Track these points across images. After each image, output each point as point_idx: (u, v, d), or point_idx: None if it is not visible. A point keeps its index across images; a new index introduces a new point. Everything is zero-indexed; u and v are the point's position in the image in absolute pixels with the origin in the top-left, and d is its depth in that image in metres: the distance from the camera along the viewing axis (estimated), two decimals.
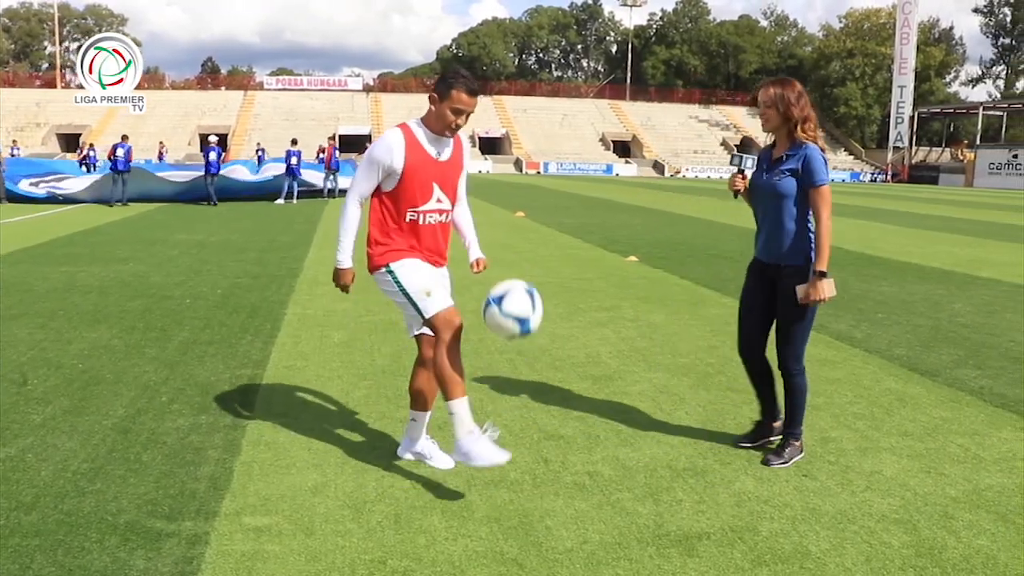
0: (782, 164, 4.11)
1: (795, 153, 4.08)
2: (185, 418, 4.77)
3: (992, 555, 3.32)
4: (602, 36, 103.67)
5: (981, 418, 5.10)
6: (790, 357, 4.27)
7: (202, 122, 67.65)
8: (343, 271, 4.00)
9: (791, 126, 4.08)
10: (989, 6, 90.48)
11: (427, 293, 3.77)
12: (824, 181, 4.05)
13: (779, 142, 4.20)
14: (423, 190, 3.83)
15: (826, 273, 4.03)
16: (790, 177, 4.07)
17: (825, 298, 4.05)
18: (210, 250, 12.71)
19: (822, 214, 4.03)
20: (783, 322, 4.24)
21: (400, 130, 3.82)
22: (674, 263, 12.08)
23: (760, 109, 4.16)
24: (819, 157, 4.06)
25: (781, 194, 4.10)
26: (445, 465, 4.09)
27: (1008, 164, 64.64)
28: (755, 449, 4.46)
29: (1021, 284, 10.83)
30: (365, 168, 3.85)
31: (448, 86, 3.74)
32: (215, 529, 3.40)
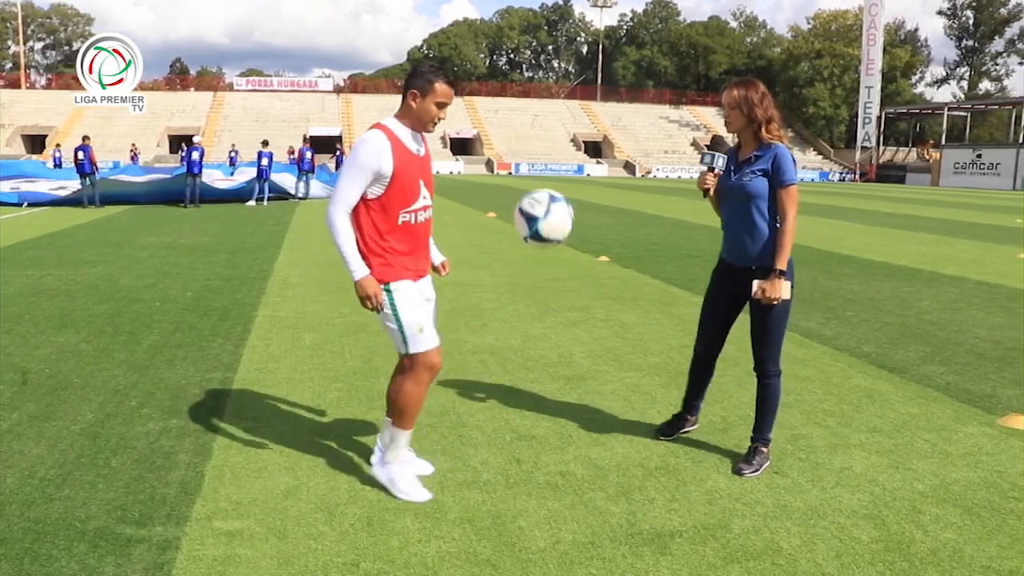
0: (752, 164, 4.08)
1: (764, 154, 4.06)
2: (155, 422, 4.72)
3: (958, 548, 3.37)
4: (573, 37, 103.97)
5: (948, 414, 5.18)
6: (768, 359, 4.22)
7: (171, 123, 67.07)
8: (364, 282, 3.66)
9: (756, 127, 4.07)
10: (952, 9, 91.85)
11: (420, 329, 3.71)
12: (794, 181, 4.04)
13: (745, 143, 4.17)
14: (412, 189, 3.73)
15: (786, 273, 4.02)
16: (761, 177, 4.05)
17: (780, 298, 4.03)
18: (180, 252, 12.60)
19: (789, 214, 4.02)
20: (760, 323, 4.18)
21: (382, 132, 3.66)
22: (645, 263, 12.14)
23: (724, 111, 4.17)
24: (789, 157, 4.05)
25: (753, 195, 4.07)
26: (423, 471, 4.05)
27: (972, 164, 65.55)
28: (673, 442, 4.57)
29: (985, 281, 10.99)
30: (351, 175, 3.62)
31: (429, 81, 3.67)
32: (186, 534, 3.37)
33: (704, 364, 4.53)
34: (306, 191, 26.52)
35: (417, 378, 3.78)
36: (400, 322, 3.71)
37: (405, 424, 3.83)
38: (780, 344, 4.23)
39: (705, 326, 4.45)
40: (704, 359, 4.51)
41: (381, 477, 3.88)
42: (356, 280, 3.67)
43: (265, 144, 24.80)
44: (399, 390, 3.81)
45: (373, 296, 3.65)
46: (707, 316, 4.44)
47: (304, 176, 26.54)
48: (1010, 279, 11.30)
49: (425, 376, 3.79)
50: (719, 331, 4.41)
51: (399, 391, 3.81)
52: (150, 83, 79.58)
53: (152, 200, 23.54)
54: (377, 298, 3.66)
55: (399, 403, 3.81)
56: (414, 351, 3.75)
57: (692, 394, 4.61)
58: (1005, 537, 3.48)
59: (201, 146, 23.34)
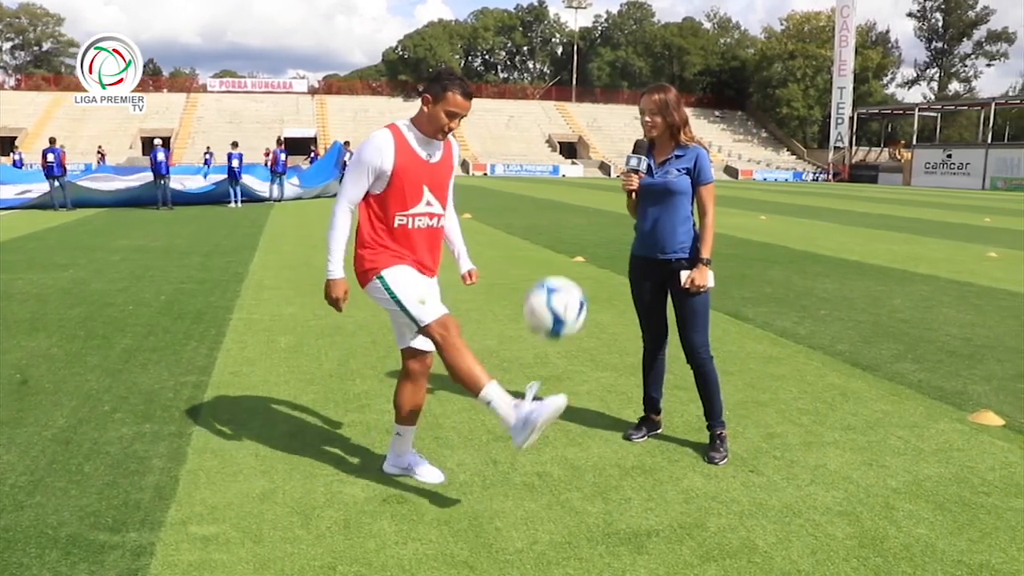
0: (675, 163, 4.31)
1: (685, 154, 4.31)
2: (128, 427, 4.68)
3: (931, 543, 3.41)
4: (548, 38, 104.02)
5: (920, 411, 5.23)
6: (700, 345, 4.41)
7: (144, 125, 66.41)
8: (334, 282, 3.71)
9: (674, 129, 4.29)
10: (922, 11, 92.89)
11: (421, 301, 3.61)
12: (712, 179, 4.37)
13: (662, 145, 4.37)
14: (413, 193, 3.68)
15: (711, 262, 4.30)
16: (685, 175, 4.29)
17: (707, 285, 4.28)
18: (153, 255, 12.49)
19: (710, 209, 4.33)
20: (687, 312, 4.38)
21: (389, 130, 3.68)
22: (620, 263, 12.07)
23: (645, 116, 4.31)
24: (708, 157, 4.37)
25: (677, 191, 4.30)
26: (434, 479, 3.97)
27: (943, 163, 66.31)
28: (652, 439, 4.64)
29: (956, 280, 11.12)
30: (354, 171, 3.68)
31: (443, 88, 3.62)
32: (160, 539, 3.34)
33: (654, 354, 4.69)
34: (280, 193, 26.34)
35: (447, 345, 3.52)
36: (399, 300, 3.63)
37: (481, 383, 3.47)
38: (708, 328, 4.45)
39: (645, 320, 4.64)
40: (653, 350, 4.68)
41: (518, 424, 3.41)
42: (328, 278, 3.72)
43: (235, 146, 24.64)
44: (450, 365, 3.52)
45: (337, 299, 3.74)
46: (644, 311, 4.62)
47: (278, 178, 26.36)
48: (980, 277, 11.44)
49: (450, 334, 3.52)
50: (659, 320, 4.60)
51: (451, 366, 3.52)
52: None
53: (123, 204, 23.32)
54: (339, 302, 3.75)
55: (460, 377, 3.51)
56: (424, 322, 3.57)
57: (650, 387, 4.73)
58: (975, 531, 3.53)
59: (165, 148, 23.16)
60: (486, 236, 16.09)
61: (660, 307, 4.56)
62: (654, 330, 4.63)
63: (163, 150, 22.79)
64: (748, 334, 7.35)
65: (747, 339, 7.15)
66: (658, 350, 4.67)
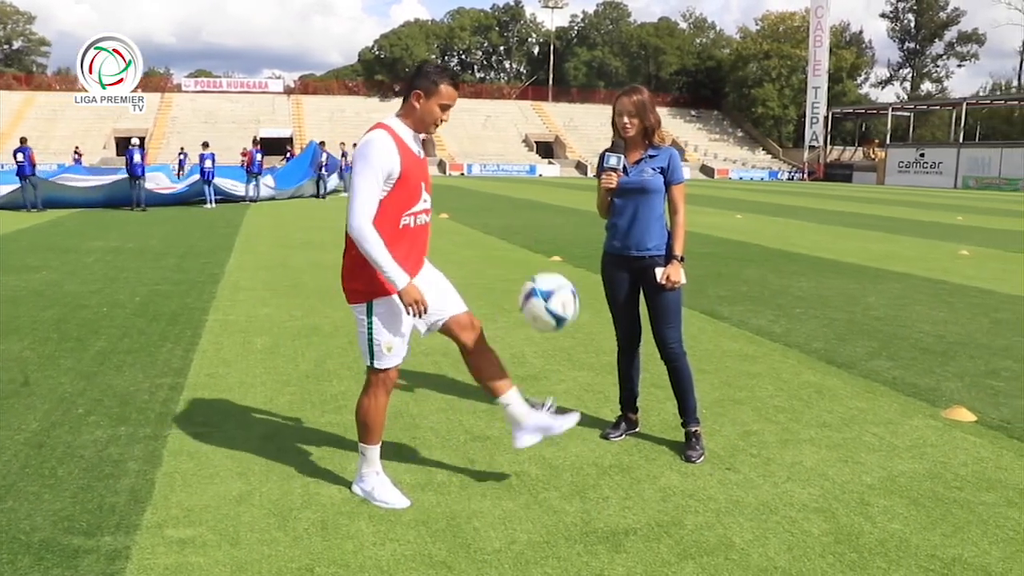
0: (649, 163, 4.41)
1: (659, 154, 4.42)
2: (103, 430, 4.64)
3: (905, 538, 3.44)
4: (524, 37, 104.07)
5: (894, 407, 5.28)
6: (674, 340, 4.48)
7: (118, 125, 65.79)
8: (408, 289, 3.51)
9: (648, 131, 4.39)
10: (895, 12, 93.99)
11: (388, 349, 3.67)
12: (684, 179, 4.51)
13: (635, 145, 4.45)
14: (415, 191, 3.65)
15: (684, 259, 4.42)
16: (659, 175, 4.40)
17: (680, 281, 4.38)
18: (127, 256, 12.38)
19: (681, 207, 4.46)
20: (661, 308, 4.46)
21: (385, 132, 3.56)
22: (597, 262, 12.07)
23: (624, 118, 4.36)
24: (679, 158, 4.50)
25: (651, 190, 4.39)
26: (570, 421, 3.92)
27: (916, 162, 67.01)
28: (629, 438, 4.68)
29: (929, 277, 11.24)
30: (368, 180, 3.48)
31: (435, 82, 3.57)
32: (136, 543, 3.31)
33: (630, 352, 4.74)
34: (256, 193, 26.19)
35: (373, 392, 3.77)
36: (372, 338, 3.67)
37: (367, 439, 3.81)
38: (680, 324, 4.52)
39: (619, 318, 4.70)
40: (628, 347, 4.74)
41: (357, 492, 3.84)
42: (400, 288, 3.51)
43: (205, 146, 24.45)
44: (360, 406, 3.81)
45: (420, 300, 3.53)
46: (617, 308, 4.68)
47: (254, 179, 26.20)
48: (952, 275, 11.57)
49: (380, 390, 3.77)
50: (632, 317, 4.66)
51: (360, 407, 3.80)
52: None
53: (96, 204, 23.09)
54: (422, 303, 3.54)
55: (360, 418, 3.80)
56: (377, 367, 3.72)
57: (626, 386, 4.78)
58: (948, 526, 3.57)
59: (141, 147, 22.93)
60: (463, 236, 16.08)
61: (634, 304, 4.63)
62: (628, 328, 4.69)
63: (139, 150, 22.55)
64: (724, 332, 7.40)
65: (723, 337, 7.18)
66: (633, 348, 4.73)
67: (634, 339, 4.71)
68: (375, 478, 3.81)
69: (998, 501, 3.85)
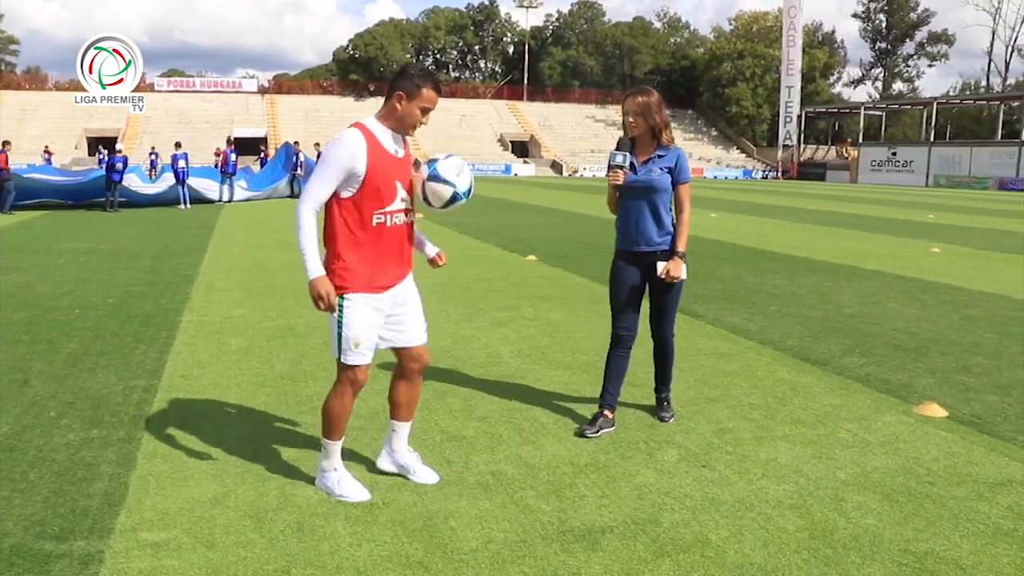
0: (657, 163, 4.62)
1: (667, 154, 4.64)
2: (75, 433, 4.59)
3: (879, 533, 3.48)
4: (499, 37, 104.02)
5: (868, 404, 5.34)
6: (668, 329, 4.87)
7: (89, 125, 65.19)
8: (317, 281, 3.57)
9: (655, 131, 4.61)
10: (866, 12, 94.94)
11: (356, 345, 3.69)
12: (690, 179, 4.73)
13: (644, 145, 4.67)
14: (388, 190, 3.68)
15: (685, 255, 4.66)
16: (667, 174, 4.62)
17: (681, 276, 4.65)
18: (99, 258, 12.26)
19: (687, 206, 4.70)
20: (662, 300, 4.77)
21: (359, 130, 3.62)
22: (572, 261, 12.23)
23: (628, 117, 4.61)
24: (686, 158, 4.73)
25: (659, 189, 4.60)
26: (429, 479, 4.00)
27: (888, 161, 67.76)
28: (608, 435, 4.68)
29: (901, 275, 11.36)
30: (322, 172, 3.57)
31: (417, 85, 3.64)
32: (110, 547, 3.28)
33: (627, 346, 4.84)
34: (230, 194, 26.00)
35: (340, 390, 3.79)
36: (341, 333, 3.69)
37: (329, 435, 3.83)
38: (676, 315, 4.90)
39: (622, 312, 4.80)
40: (627, 341, 4.83)
41: (320, 488, 3.86)
42: (310, 279, 3.58)
43: (178, 146, 24.21)
44: (327, 401, 3.84)
45: (326, 296, 3.59)
46: (621, 304, 4.79)
47: (228, 179, 26.01)
48: (924, 272, 11.70)
49: (348, 389, 3.79)
50: (634, 315, 4.82)
51: (327, 402, 3.84)
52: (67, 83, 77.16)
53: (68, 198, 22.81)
54: (329, 298, 3.59)
55: (324, 413, 3.84)
56: (344, 362, 3.74)
57: (609, 384, 4.82)
58: (921, 520, 3.61)
59: (125, 156, 22.68)
60: (437, 235, 16.05)
61: (638, 299, 4.80)
62: (627, 324, 4.80)
63: (121, 159, 22.23)
64: (699, 331, 7.43)
65: (698, 336, 7.22)
66: (628, 345, 4.83)
67: (632, 336, 4.83)
68: (334, 474, 3.85)
69: (969, 495, 3.90)
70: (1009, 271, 12.20)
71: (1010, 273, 11.95)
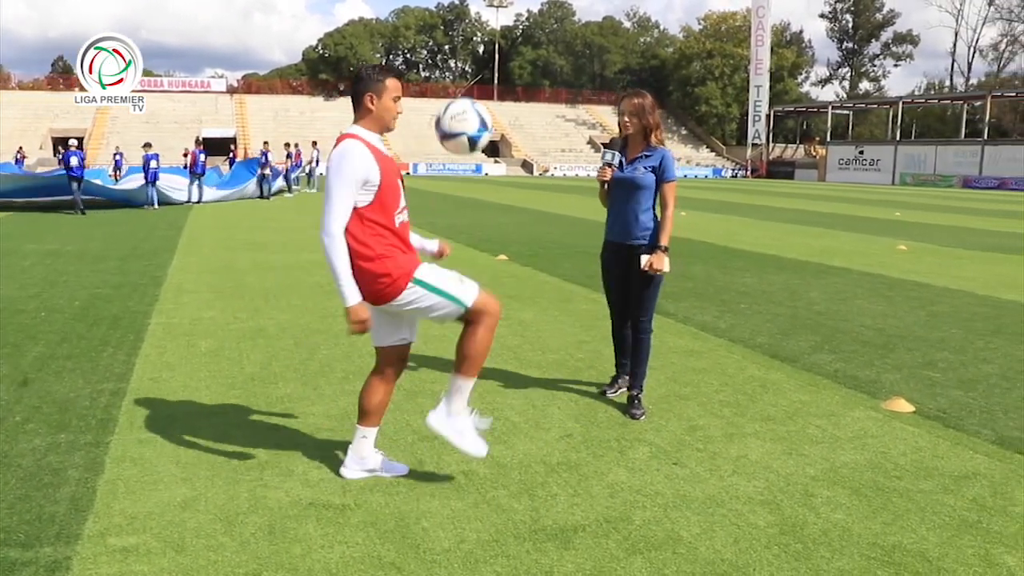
0: (643, 162, 4.94)
1: (653, 154, 4.94)
2: (41, 438, 4.53)
3: (848, 527, 3.52)
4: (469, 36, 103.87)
5: (836, 400, 5.39)
6: (645, 321, 5.07)
7: (55, 125, 64.27)
8: (357, 308, 3.61)
9: (647, 132, 4.91)
10: (833, 12, 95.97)
11: (460, 280, 3.74)
12: (676, 177, 5.04)
13: (635, 144, 4.99)
14: (396, 191, 3.75)
15: (668, 249, 4.92)
16: (651, 173, 4.93)
17: (663, 269, 4.89)
18: (66, 259, 12.10)
19: (671, 203, 5.01)
20: (642, 292, 5.01)
21: (356, 141, 3.63)
22: (543, 260, 12.25)
23: (624, 117, 4.92)
24: (672, 158, 5.02)
25: (644, 186, 4.93)
26: (401, 471, 4.05)
27: (855, 159, 68.51)
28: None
29: (869, 272, 11.49)
30: (341, 191, 3.56)
31: (379, 79, 3.69)
32: (77, 553, 3.24)
33: (622, 328, 5.29)
34: (199, 195, 25.76)
35: (487, 323, 3.76)
36: (443, 292, 3.70)
37: (474, 372, 3.81)
38: (654, 307, 5.10)
39: (613, 300, 5.25)
40: (621, 322, 5.28)
41: (446, 429, 3.81)
42: (348, 306, 3.60)
43: (148, 147, 23.94)
44: (471, 341, 3.76)
45: (365, 320, 3.63)
46: (612, 291, 5.22)
47: (197, 179, 25.77)
48: (891, 269, 11.84)
49: (491, 320, 3.77)
50: (625, 299, 5.16)
51: (472, 342, 3.76)
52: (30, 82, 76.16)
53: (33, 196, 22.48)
54: (368, 322, 3.64)
55: (472, 353, 3.76)
56: (470, 303, 3.72)
57: (620, 353, 5.38)
58: (889, 515, 3.65)
59: (80, 151, 22.27)
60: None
61: (625, 286, 5.12)
62: (621, 307, 5.22)
63: (77, 154, 21.88)
64: (670, 329, 7.47)
65: (668, 334, 7.26)
66: (623, 324, 5.26)
67: (624, 318, 5.23)
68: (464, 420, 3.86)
69: (935, 488, 3.95)
70: (973, 267, 12.38)
71: (973, 269, 12.13)
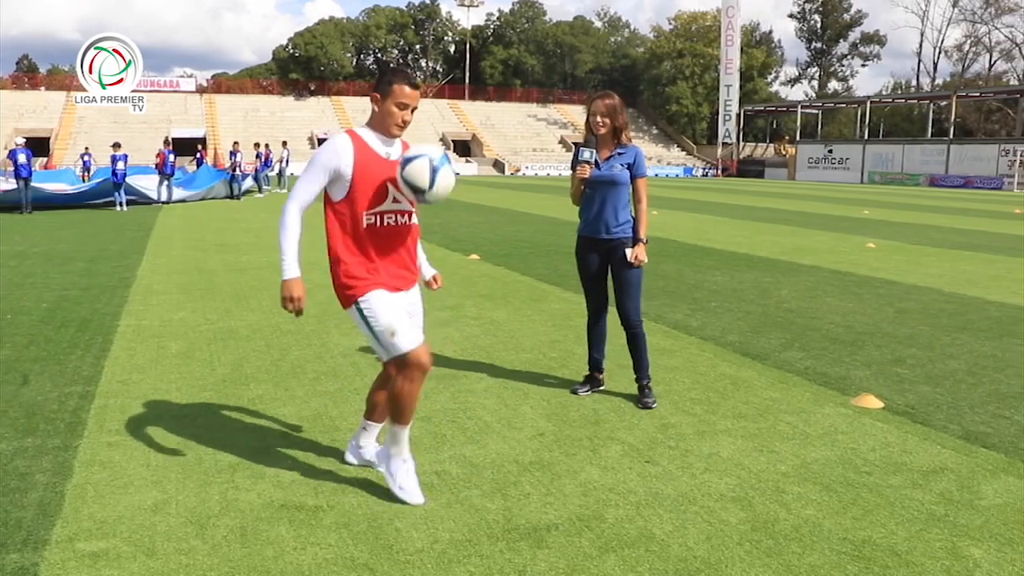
0: (618, 159, 5.14)
1: (626, 152, 5.17)
2: (8, 442, 4.47)
3: (818, 523, 3.55)
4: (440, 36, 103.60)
5: (807, 396, 5.44)
6: (633, 311, 5.25)
7: (20, 125, 63.19)
8: (291, 282, 3.65)
9: (617, 131, 5.12)
10: (802, 12, 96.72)
11: (392, 334, 3.64)
12: (647, 173, 5.26)
13: (605, 143, 5.17)
14: (378, 191, 3.71)
15: (648, 241, 5.21)
16: (626, 169, 5.14)
17: (644, 260, 5.19)
18: (33, 261, 11.94)
19: (644, 197, 5.27)
20: (625, 284, 5.22)
21: (346, 134, 3.72)
22: (515, 260, 12.26)
23: (597, 117, 5.06)
24: (644, 155, 5.24)
25: (619, 182, 5.13)
26: None
27: (824, 158, 69.11)
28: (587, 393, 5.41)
29: (838, 270, 11.60)
30: (308, 173, 3.67)
31: (388, 82, 3.70)
32: (45, 559, 3.20)
33: (597, 319, 5.46)
34: (168, 195, 25.52)
35: (409, 374, 3.69)
36: (373, 332, 3.68)
37: (400, 419, 3.78)
38: (641, 297, 5.31)
39: (590, 291, 5.41)
40: (596, 316, 5.46)
41: (382, 468, 3.88)
42: (283, 279, 3.67)
43: (117, 147, 23.66)
44: (397, 393, 3.73)
45: (296, 299, 3.67)
46: (589, 284, 5.39)
47: (166, 179, 25.52)
48: (859, 267, 11.97)
49: (416, 373, 3.70)
50: (601, 291, 5.38)
51: (397, 394, 3.73)
52: None
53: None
54: (299, 302, 3.67)
55: (398, 404, 3.75)
56: (395, 354, 3.68)
57: (593, 349, 5.48)
58: (859, 510, 3.69)
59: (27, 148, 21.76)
60: None
61: (602, 279, 5.33)
62: (597, 299, 5.39)
63: (24, 151, 21.40)
64: None
65: None
66: (600, 316, 5.43)
67: (601, 309, 5.41)
68: (403, 464, 3.82)
69: (904, 484, 4.00)
70: (939, 265, 12.54)
71: (940, 267, 12.29)
